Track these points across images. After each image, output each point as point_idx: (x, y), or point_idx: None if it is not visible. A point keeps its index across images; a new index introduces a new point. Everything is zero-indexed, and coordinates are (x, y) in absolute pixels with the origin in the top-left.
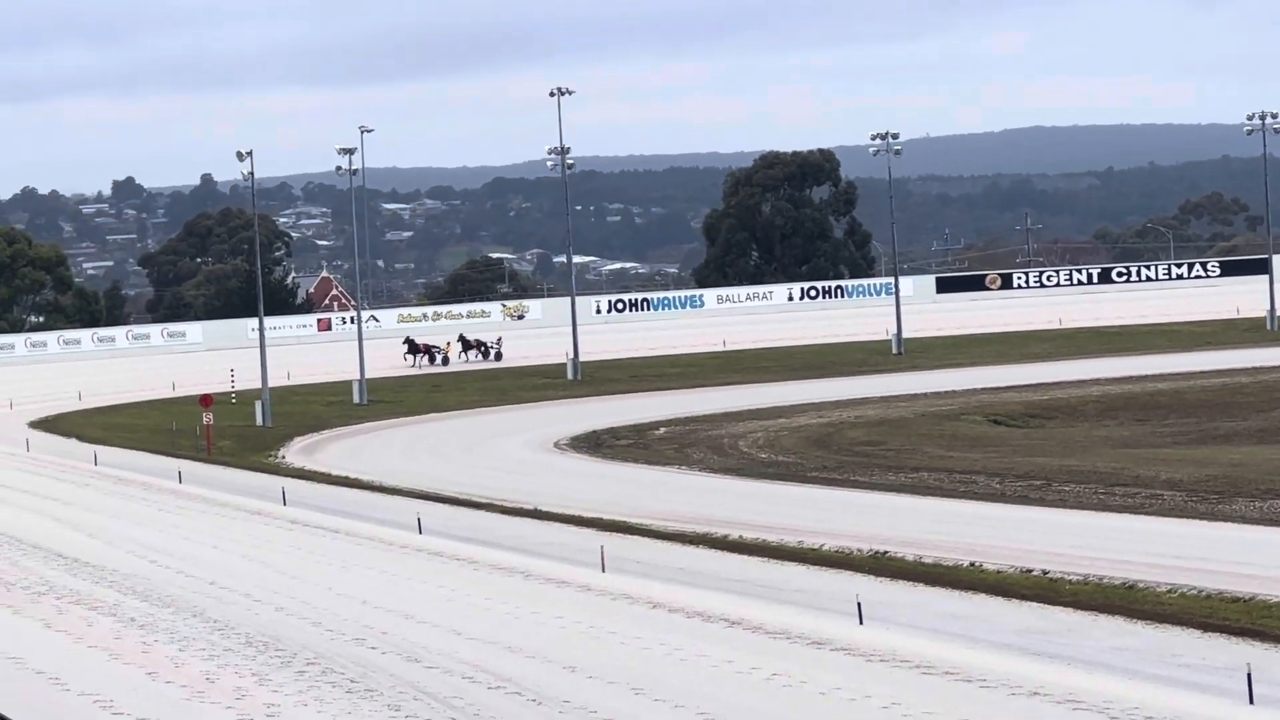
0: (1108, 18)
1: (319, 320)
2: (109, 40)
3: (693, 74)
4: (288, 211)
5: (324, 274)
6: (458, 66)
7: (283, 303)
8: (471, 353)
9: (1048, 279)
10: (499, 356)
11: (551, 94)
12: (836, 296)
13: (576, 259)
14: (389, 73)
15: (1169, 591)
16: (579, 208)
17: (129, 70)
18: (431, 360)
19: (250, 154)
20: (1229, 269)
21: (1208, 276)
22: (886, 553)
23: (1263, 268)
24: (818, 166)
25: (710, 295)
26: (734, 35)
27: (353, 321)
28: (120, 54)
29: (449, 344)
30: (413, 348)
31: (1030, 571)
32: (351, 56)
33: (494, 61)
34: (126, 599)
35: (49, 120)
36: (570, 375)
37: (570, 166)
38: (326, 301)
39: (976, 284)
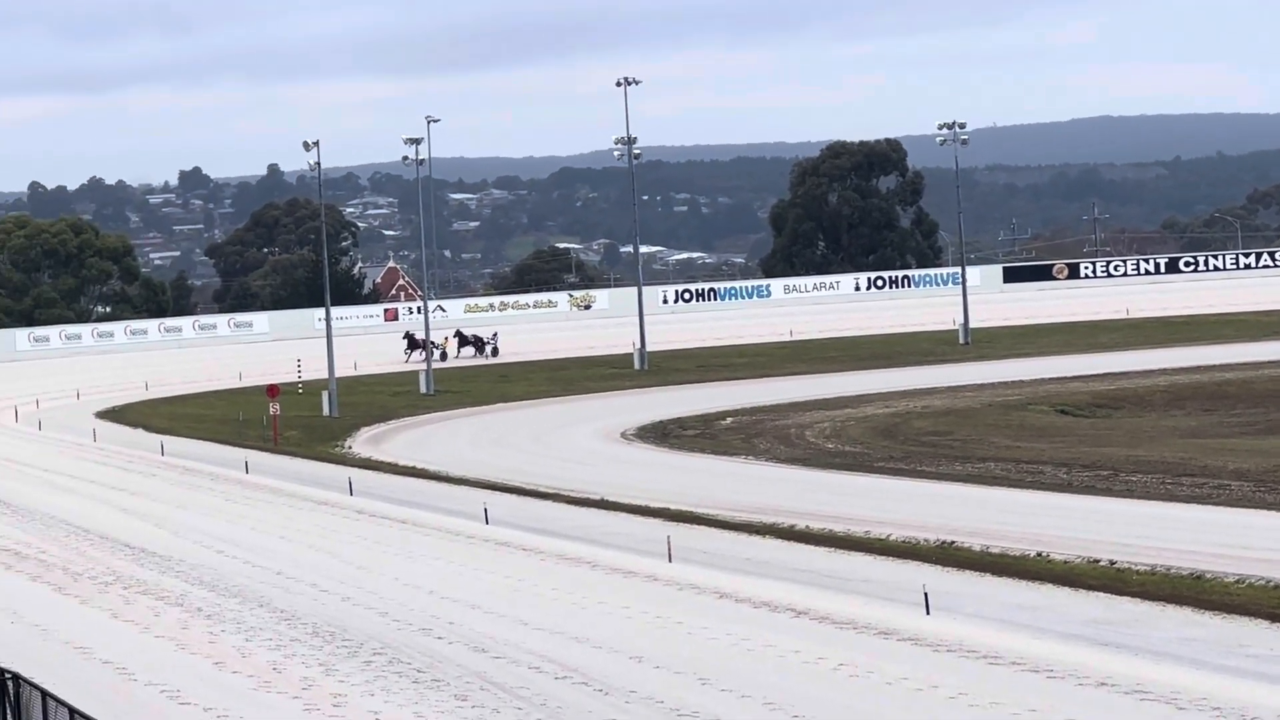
0: (1175, 7)
1: (386, 310)
2: (177, 31)
3: (759, 64)
4: (354, 201)
5: (390, 264)
6: (525, 56)
7: (349, 293)
8: (468, 348)
9: (1115, 269)
10: (495, 352)
11: (618, 84)
12: (903, 286)
13: (643, 249)
14: (456, 63)
15: (1237, 582)
16: (646, 198)
17: (196, 61)
18: (430, 356)
19: (317, 144)
20: None
21: (1276, 266)
22: (953, 543)
23: None
24: (884, 156)
25: (777, 285)
26: (800, 25)
27: (419, 311)
28: (188, 44)
29: (447, 339)
30: (412, 343)
31: (1097, 562)
32: (418, 46)
33: (561, 51)
34: (193, 589)
35: (116, 111)
36: (637, 365)
37: (637, 156)
38: (393, 291)
39: (1044, 274)
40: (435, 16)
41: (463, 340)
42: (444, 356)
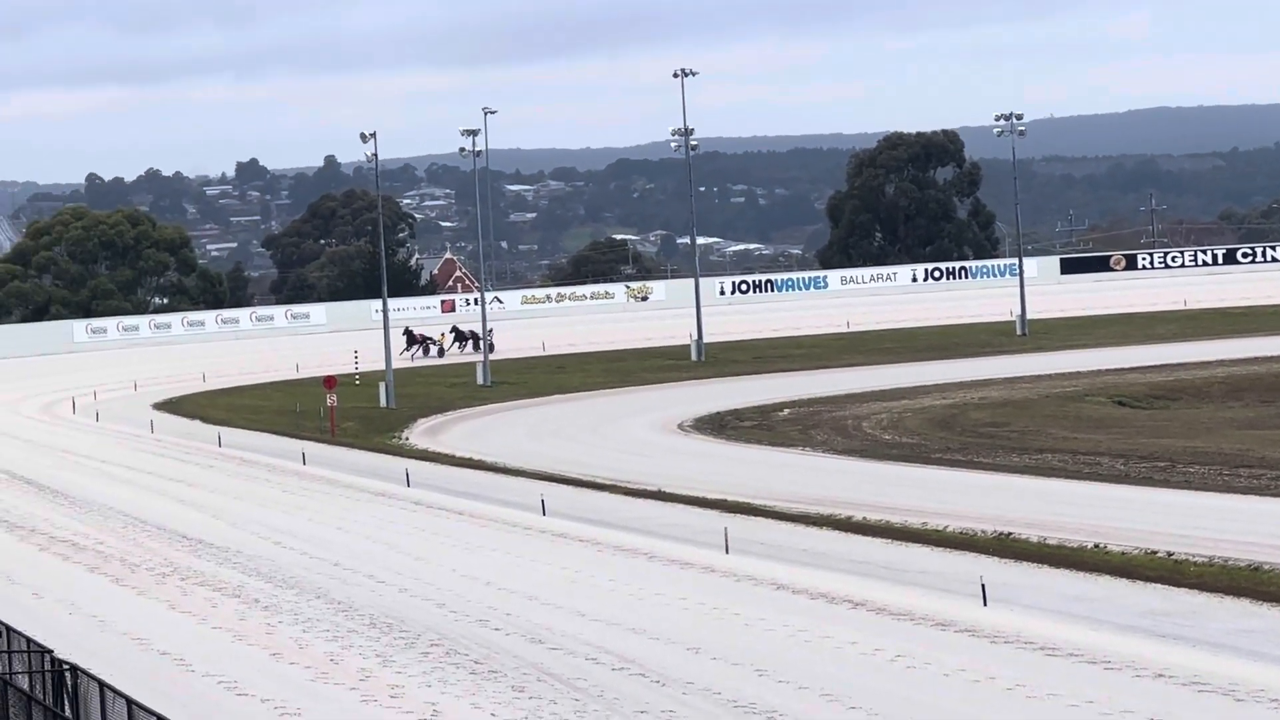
0: None
1: (443, 302)
2: (234, 23)
3: (816, 55)
4: (411, 193)
5: (448, 255)
6: (582, 47)
7: (406, 284)
8: (466, 344)
9: (1172, 260)
10: (492, 348)
11: (675, 75)
12: (960, 277)
13: (700, 240)
14: (513, 54)
15: None
16: (703, 189)
17: (253, 52)
18: (426, 352)
19: (374, 135)
20: None
21: None
22: (1010, 534)
23: None
24: (942, 147)
25: (834, 276)
26: (857, 16)
27: (476, 303)
28: (245, 36)
29: (443, 335)
30: (410, 339)
31: (1155, 553)
32: (475, 38)
33: (618, 42)
34: (251, 580)
35: (173, 102)
36: (694, 356)
37: (694, 147)
38: (450, 283)
39: (1101, 265)
40: (492, 7)
41: (459, 336)
42: (441, 353)
